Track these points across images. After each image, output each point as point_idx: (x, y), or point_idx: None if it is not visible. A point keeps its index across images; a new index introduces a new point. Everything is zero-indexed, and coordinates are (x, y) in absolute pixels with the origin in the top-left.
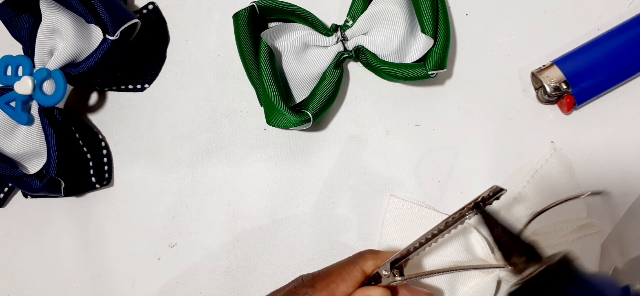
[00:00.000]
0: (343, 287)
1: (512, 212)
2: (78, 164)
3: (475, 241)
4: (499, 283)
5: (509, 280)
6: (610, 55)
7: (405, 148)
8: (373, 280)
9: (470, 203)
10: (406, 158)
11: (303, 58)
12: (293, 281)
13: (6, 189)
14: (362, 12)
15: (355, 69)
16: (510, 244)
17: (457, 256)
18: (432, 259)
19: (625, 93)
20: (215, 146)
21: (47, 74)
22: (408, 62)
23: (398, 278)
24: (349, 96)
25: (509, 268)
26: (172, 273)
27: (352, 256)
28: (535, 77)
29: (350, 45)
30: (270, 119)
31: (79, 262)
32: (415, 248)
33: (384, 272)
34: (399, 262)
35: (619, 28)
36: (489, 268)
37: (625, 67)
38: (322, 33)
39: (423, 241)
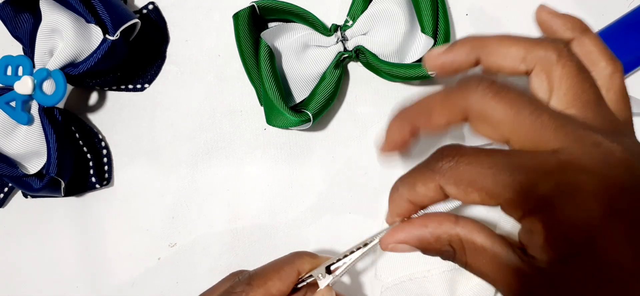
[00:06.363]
0: (279, 285)
1: None
2: (78, 164)
3: None
4: None
5: None
6: None
7: None
8: (306, 280)
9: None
10: None
11: (303, 58)
12: (228, 279)
13: (6, 189)
14: (362, 12)
15: (355, 69)
16: None
17: None
18: (431, 259)
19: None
20: (215, 146)
21: (47, 74)
22: (408, 62)
23: (330, 277)
24: (349, 96)
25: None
26: (172, 273)
27: (289, 256)
28: None
29: (351, 45)
30: (270, 119)
31: (79, 262)
32: (352, 252)
33: (319, 275)
34: (334, 266)
35: (615, 24)
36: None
37: (624, 64)
38: (322, 33)
39: (361, 245)
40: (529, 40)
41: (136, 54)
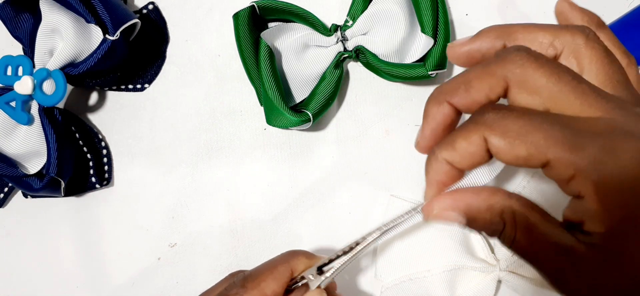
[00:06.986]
0: (273, 285)
1: None
2: (78, 164)
3: (475, 241)
4: (499, 283)
5: (509, 279)
6: None
7: (405, 148)
8: (298, 281)
9: (410, 211)
10: (406, 158)
11: (303, 58)
12: (224, 281)
13: (6, 189)
14: (362, 12)
15: (355, 69)
16: None
17: (457, 256)
18: (431, 259)
19: None
20: (215, 146)
21: (47, 74)
22: (408, 62)
23: (322, 278)
24: (349, 96)
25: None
26: (172, 273)
27: (284, 255)
28: None
29: (350, 45)
30: (270, 119)
31: (79, 262)
32: (345, 252)
33: (310, 276)
34: (327, 266)
35: (615, 24)
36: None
37: None
38: (322, 33)
39: (353, 245)
40: (555, 26)
41: (136, 54)
